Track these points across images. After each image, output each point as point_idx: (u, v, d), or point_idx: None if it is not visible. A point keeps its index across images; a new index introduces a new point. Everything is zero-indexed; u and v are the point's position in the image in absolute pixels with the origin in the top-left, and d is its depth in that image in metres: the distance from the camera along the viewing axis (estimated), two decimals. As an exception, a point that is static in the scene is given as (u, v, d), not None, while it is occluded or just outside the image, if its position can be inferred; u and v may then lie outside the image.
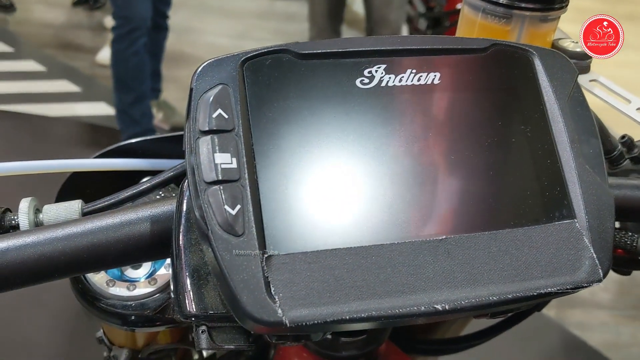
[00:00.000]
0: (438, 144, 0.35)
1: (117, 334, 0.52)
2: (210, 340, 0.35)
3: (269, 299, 0.30)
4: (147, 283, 0.44)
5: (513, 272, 0.33)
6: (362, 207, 0.33)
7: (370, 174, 0.34)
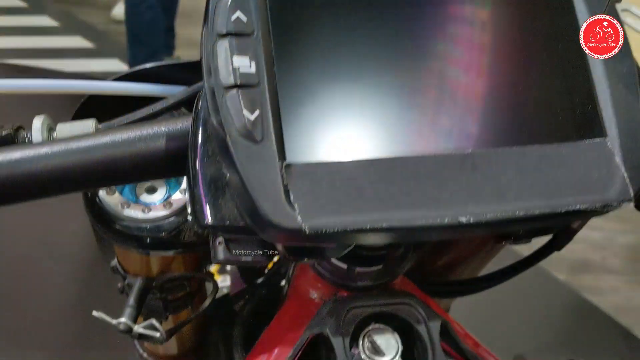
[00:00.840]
0: (467, 55, 0.34)
1: (131, 261, 0.52)
2: (227, 252, 0.34)
3: (289, 207, 0.30)
4: (162, 206, 0.44)
5: (540, 188, 0.32)
6: (386, 118, 0.32)
7: (396, 84, 0.33)
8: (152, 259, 0.50)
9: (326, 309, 0.45)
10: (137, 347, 0.75)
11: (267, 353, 0.49)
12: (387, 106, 0.32)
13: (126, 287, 0.54)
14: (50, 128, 0.42)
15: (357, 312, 0.45)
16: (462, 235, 0.33)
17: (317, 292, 0.52)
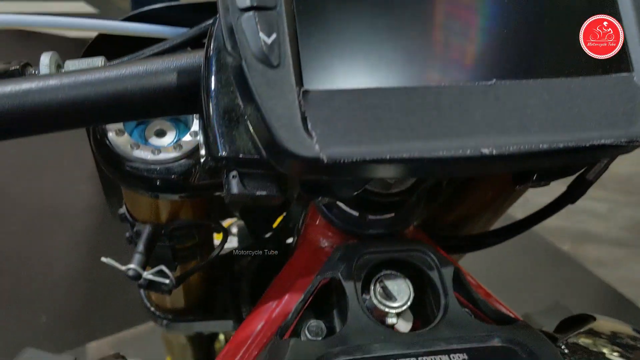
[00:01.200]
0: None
1: (140, 207, 0.52)
2: (241, 186, 0.33)
3: (306, 135, 0.29)
4: (172, 149, 0.43)
5: (565, 121, 0.31)
6: (407, 46, 0.31)
7: (418, 13, 0.31)
8: (161, 205, 0.50)
9: (338, 254, 0.44)
10: (145, 302, 0.75)
11: (276, 300, 0.49)
12: (408, 35, 0.31)
13: (134, 235, 0.54)
14: (58, 65, 0.41)
15: (369, 257, 0.44)
16: (482, 170, 0.32)
17: (328, 240, 0.52)
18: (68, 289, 1.85)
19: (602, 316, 0.52)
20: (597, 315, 0.52)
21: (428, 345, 0.39)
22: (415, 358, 0.38)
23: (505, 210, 0.65)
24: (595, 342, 0.47)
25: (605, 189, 2.51)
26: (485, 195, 0.62)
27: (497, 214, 0.65)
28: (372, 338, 0.39)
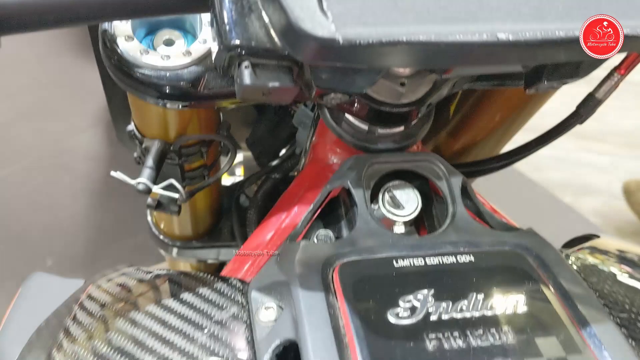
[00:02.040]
0: None
1: (148, 122, 0.51)
2: (254, 76, 0.33)
3: (322, 14, 0.28)
4: (182, 55, 0.43)
5: (584, 11, 0.31)
6: None
7: None
8: (170, 118, 0.50)
9: (347, 164, 0.44)
10: (154, 230, 0.76)
11: (286, 211, 0.50)
12: None
13: (143, 152, 0.54)
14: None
15: (379, 167, 0.44)
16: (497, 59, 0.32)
17: (337, 157, 0.52)
18: (73, 234, 1.86)
19: (606, 234, 0.53)
20: (602, 234, 0.53)
21: (435, 247, 0.40)
22: (422, 258, 0.39)
23: (510, 137, 0.65)
24: (597, 254, 0.48)
25: (608, 142, 2.49)
26: (490, 121, 0.62)
27: (502, 141, 0.65)
28: (380, 241, 0.40)
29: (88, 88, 2.12)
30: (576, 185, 2.30)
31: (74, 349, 0.38)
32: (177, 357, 0.35)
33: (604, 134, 2.56)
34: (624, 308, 0.40)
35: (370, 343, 0.33)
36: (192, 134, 0.52)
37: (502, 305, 0.36)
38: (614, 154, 2.48)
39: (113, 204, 1.89)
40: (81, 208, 1.97)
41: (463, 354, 0.33)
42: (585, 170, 2.38)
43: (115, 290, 0.43)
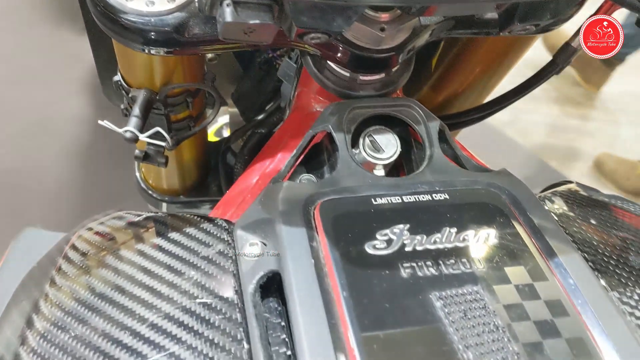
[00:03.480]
0: None
1: (135, 71, 0.52)
2: (235, 14, 0.34)
3: None
4: (166, 1, 0.43)
5: None
6: None
7: None
8: (156, 66, 0.50)
9: (329, 110, 0.46)
10: (142, 185, 0.77)
11: (270, 158, 0.51)
12: None
13: (130, 102, 0.55)
14: None
15: (359, 112, 0.46)
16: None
17: (320, 104, 0.53)
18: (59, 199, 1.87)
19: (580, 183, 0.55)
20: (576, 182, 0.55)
21: (412, 187, 0.41)
22: (399, 197, 0.40)
23: (492, 89, 0.66)
24: (569, 197, 0.50)
25: (594, 108, 2.52)
26: (471, 74, 0.63)
27: (484, 93, 0.66)
28: (360, 182, 0.41)
29: (72, 55, 2.10)
30: (562, 150, 2.33)
31: (66, 290, 0.39)
32: (167, 291, 0.37)
33: (590, 100, 2.59)
34: (591, 245, 0.42)
35: (348, 271, 0.35)
36: (177, 83, 0.53)
37: (474, 237, 0.38)
38: (599, 120, 2.51)
39: (100, 170, 1.89)
40: (67, 174, 1.97)
41: (435, 280, 0.35)
42: (572, 135, 2.41)
43: (105, 232, 0.44)
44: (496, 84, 0.65)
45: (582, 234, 0.43)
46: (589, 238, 0.43)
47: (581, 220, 0.45)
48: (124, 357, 0.33)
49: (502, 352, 0.31)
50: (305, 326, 0.32)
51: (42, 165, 1.97)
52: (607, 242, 0.43)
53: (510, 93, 0.59)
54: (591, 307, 0.34)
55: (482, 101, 0.67)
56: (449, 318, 0.33)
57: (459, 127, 0.64)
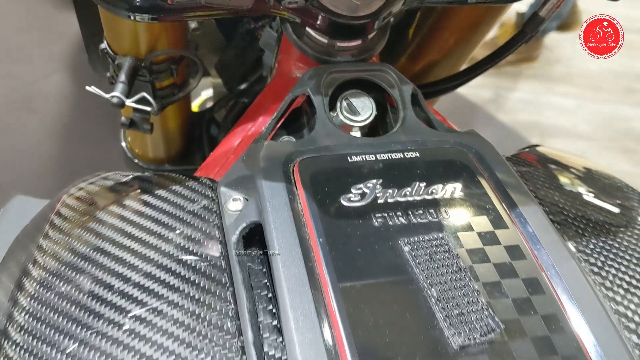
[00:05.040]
0: None
1: (120, 39, 0.54)
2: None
3: None
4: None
5: None
6: None
7: None
8: (141, 33, 0.52)
9: (308, 74, 0.48)
10: (128, 154, 0.79)
11: (251, 122, 0.53)
12: None
13: (116, 69, 0.56)
14: None
15: (336, 76, 0.48)
16: None
17: (299, 70, 0.55)
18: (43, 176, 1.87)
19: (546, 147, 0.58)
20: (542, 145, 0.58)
21: (385, 146, 0.44)
22: (374, 155, 0.43)
23: (466, 57, 0.69)
24: (533, 158, 0.53)
25: (575, 85, 2.56)
26: (446, 43, 0.66)
27: (459, 62, 0.69)
28: (337, 141, 0.44)
29: (55, 32, 2.08)
30: (543, 127, 2.37)
31: (58, 243, 0.41)
32: (155, 241, 0.39)
33: (571, 77, 2.62)
34: (552, 200, 0.45)
35: (324, 221, 0.37)
36: (161, 50, 0.55)
37: (441, 190, 0.41)
38: (579, 97, 2.55)
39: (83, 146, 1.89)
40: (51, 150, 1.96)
41: (404, 228, 0.38)
42: (552, 112, 2.45)
43: (95, 191, 0.46)
44: (470, 53, 0.68)
45: (543, 191, 0.46)
46: (550, 194, 0.46)
47: (543, 178, 0.48)
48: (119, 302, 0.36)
49: (463, 289, 0.34)
50: (284, 270, 0.34)
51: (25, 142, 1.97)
52: (566, 198, 0.46)
53: (483, 62, 0.61)
54: (547, 252, 0.37)
55: (457, 70, 0.70)
56: (415, 260, 0.36)
57: (436, 95, 0.67)
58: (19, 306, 0.38)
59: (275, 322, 0.34)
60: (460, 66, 0.70)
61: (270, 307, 0.35)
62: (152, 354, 0.33)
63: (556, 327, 0.33)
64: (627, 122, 2.46)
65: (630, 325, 0.37)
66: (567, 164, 0.53)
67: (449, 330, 0.32)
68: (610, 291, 0.39)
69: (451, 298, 0.34)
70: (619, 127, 2.39)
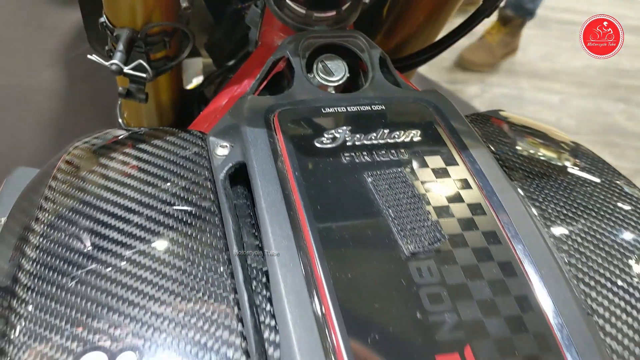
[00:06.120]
0: None
1: (118, 12, 0.60)
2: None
3: None
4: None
5: None
6: None
7: None
8: (137, 7, 0.58)
9: (287, 40, 0.54)
10: (121, 124, 0.85)
11: (237, 84, 0.59)
12: None
13: (114, 40, 0.62)
14: None
15: (313, 41, 0.54)
16: None
17: (281, 39, 0.61)
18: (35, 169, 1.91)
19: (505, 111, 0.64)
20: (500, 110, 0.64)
21: (355, 101, 0.50)
22: (344, 107, 0.49)
23: (439, 30, 0.75)
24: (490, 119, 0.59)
25: (559, 81, 2.63)
26: (419, 18, 0.72)
27: (432, 35, 0.75)
28: (312, 96, 0.50)
29: (47, 27, 2.12)
30: (528, 121, 2.44)
31: (62, 191, 0.46)
32: (152, 179, 0.45)
33: (556, 73, 2.68)
34: (501, 148, 0.51)
35: (299, 159, 0.43)
36: (157, 22, 0.60)
37: (402, 136, 0.47)
38: (563, 92, 2.62)
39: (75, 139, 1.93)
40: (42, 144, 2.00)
41: (368, 165, 0.43)
42: (537, 107, 2.52)
43: (96, 144, 0.52)
44: (440, 28, 0.74)
45: (494, 139, 0.52)
46: (499, 142, 0.52)
47: (496, 131, 0.54)
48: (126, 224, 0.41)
49: (415, 210, 0.40)
50: (264, 196, 0.40)
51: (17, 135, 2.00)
52: (513, 146, 0.52)
53: (449, 35, 0.67)
54: (491, 183, 0.43)
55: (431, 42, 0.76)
56: (377, 188, 0.41)
57: (411, 67, 0.73)
58: (29, 247, 0.42)
59: (257, 242, 0.40)
60: (431, 41, 0.76)
61: (253, 231, 0.41)
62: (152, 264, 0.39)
63: (494, 240, 0.39)
64: (610, 116, 2.53)
65: (553, 230, 0.43)
66: (517, 122, 0.59)
67: (403, 240, 0.38)
68: (547, 220, 0.45)
69: (405, 217, 0.40)
70: (602, 121, 2.46)
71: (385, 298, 0.35)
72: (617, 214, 0.46)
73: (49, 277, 0.39)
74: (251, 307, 0.37)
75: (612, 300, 0.40)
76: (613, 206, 0.47)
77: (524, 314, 0.35)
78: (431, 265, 0.37)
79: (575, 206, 0.47)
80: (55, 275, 0.40)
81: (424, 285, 0.36)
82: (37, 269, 0.40)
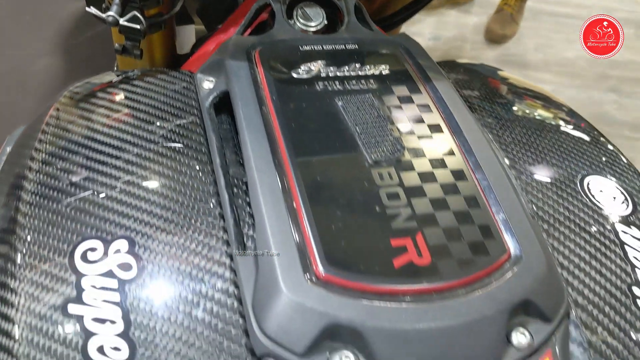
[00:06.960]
0: None
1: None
2: None
3: None
4: None
5: None
6: None
7: None
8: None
9: None
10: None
11: (224, 32, 0.64)
12: None
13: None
14: None
15: None
16: None
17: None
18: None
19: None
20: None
21: (331, 41, 0.54)
22: (320, 45, 0.53)
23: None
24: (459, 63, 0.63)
25: (551, 72, 2.67)
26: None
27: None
28: (291, 36, 0.55)
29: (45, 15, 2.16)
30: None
31: (61, 126, 0.50)
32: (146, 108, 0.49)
33: (548, 64, 2.72)
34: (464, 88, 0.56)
35: (277, 86, 0.48)
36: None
37: (372, 69, 0.51)
38: (556, 83, 2.66)
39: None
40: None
41: (340, 92, 0.48)
42: (530, 98, 2.56)
43: (91, 84, 0.56)
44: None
45: (459, 82, 0.57)
46: (465, 84, 0.57)
47: (462, 75, 0.59)
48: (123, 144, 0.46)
49: (379, 128, 0.45)
50: (244, 116, 0.45)
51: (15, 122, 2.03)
52: (481, 89, 0.57)
53: None
54: (451, 110, 0.48)
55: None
56: (346, 110, 0.46)
57: (395, 25, 0.78)
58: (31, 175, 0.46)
59: (239, 159, 0.45)
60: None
61: (235, 150, 0.46)
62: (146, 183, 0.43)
63: (449, 152, 0.44)
64: (601, 106, 2.57)
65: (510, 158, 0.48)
66: (488, 71, 0.64)
67: (367, 151, 0.43)
68: (503, 145, 0.50)
69: (370, 132, 0.44)
70: (593, 111, 2.51)
71: (349, 196, 0.40)
72: (562, 137, 0.51)
73: (51, 183, 0.43)
74: (231, 205, 0.41)
75: (552, 205, 0.45)
76: (560, 131, 0.52)
77: (471, 209, 0.40)
78: (391, 171, 0.42)
79: (524, 132, 0.52)
80: (57, 181, 0.43)
81: (383, 187, 0.41)
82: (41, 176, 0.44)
